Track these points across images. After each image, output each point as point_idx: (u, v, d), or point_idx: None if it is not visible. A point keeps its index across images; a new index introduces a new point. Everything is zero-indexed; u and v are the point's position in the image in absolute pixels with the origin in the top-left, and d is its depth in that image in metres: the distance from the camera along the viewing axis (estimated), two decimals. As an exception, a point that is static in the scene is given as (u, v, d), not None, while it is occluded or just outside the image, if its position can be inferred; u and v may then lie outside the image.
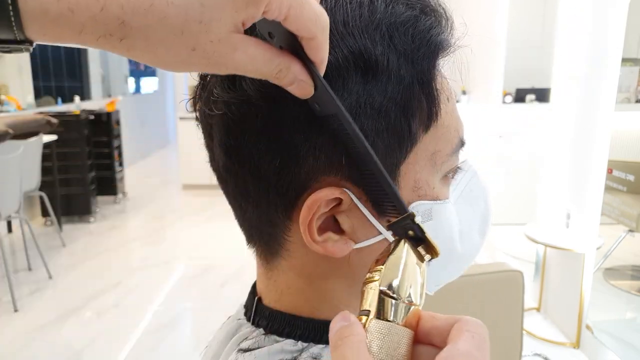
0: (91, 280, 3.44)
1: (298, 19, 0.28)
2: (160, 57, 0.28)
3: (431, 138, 0.39)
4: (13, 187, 3.15)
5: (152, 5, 0.25)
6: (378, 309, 0.30)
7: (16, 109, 4.74)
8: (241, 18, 0.27)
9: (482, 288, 1.32)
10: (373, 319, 0.30)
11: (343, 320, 0.30)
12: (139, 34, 0.26)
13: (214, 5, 0.26)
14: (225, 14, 0.27)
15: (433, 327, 0.30)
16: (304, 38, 0.30)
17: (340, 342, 0.28)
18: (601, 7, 2.30)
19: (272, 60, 0.30)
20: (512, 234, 3.30)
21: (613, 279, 2.91)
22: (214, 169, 0.42)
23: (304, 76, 0.31)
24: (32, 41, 0.26)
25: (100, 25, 0.25)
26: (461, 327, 0.28)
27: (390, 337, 0.29)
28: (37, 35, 0.26)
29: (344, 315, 0.30)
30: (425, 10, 0.38)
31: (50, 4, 0.24)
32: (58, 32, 0.25)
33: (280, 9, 0.27)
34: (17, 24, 0.24)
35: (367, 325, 0.30)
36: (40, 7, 0.24)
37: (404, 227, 0.33)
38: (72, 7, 0.25)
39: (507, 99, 4.06)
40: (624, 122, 2.57)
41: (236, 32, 0.28)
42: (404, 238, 0.32)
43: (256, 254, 0.45)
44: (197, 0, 0.26)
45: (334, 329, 0.29)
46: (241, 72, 0.30)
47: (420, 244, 0.32)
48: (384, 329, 0.29)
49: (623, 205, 2.58)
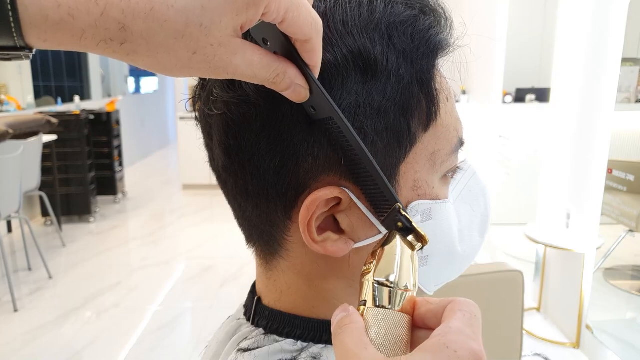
0: (91, 280, 3.44)
1: (295, 22, 0.28)
2: (161, 62, 0.28)
3: (430, 138, 0.39)
4: (13, 187, 3.15)
5: (153, 9, 0.25)
6: (374, 298, 0.32)
7: (16, 109, 4.75)
8: (241, 21, 0.27)
9: (482, 288, 1.32)
10: (370, 307, 0.32)
11: (343, 311, 0.31)
12: (140, 38, 0.26)
13: (214, 9, 0.26)
14: (225, 17, 0.27)
15: (428, 311, 0.31)
16: (299, 41, 0.30)
17: (340, 331, 0.30)
18: (601, 7, 2.30)
19: (269, 65, 0.30)
20: (512, 234, 3.30)
21: (613, 279, 2.90)
22: (213, 168, 0.42)
23: (300, 80, 0.31)
24: (32, 48, 0.26)
25: (101, 30, 0.25)
26: (454, 307, 0.30)
27: (387, 323, 0.31)
28: (38, 42, 0.25)
29: (344, 307, 0.31)
30: (425, 10, 0.38)
31: (50, 10, 0.24)
32: (59, 38, 0.25)
33: (278, 11, 0.27)
34: (17, 30, 0.24)
35: (364, 313, 0.31)
36: (41, 13, 0.24)
37: (394, 219, 0.34)
38: (73, 13, 0.25)
39: (507, 99, 4.05)
40: (624, 122, 2.56)
41: (236, 36, 0.28)
42: (394, 229, 0.34)
43: (256, 253, 0.45)
44: (198, 3, 0.26)
45: (335, 320, 0.31)
46: (239, 76, 0.30)
47: (410, 233, 0.34)
48: (380, 316, 0.31)
49: (623, 205, 2.58)
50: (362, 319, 0.31)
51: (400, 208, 0.34)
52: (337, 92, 0.34)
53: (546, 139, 2.87)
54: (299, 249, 0.40)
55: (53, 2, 0.24)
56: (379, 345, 0.30)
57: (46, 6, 0.24)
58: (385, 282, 0.32)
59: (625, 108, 2.62)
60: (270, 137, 0.36)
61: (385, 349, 0.30)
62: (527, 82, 4.28)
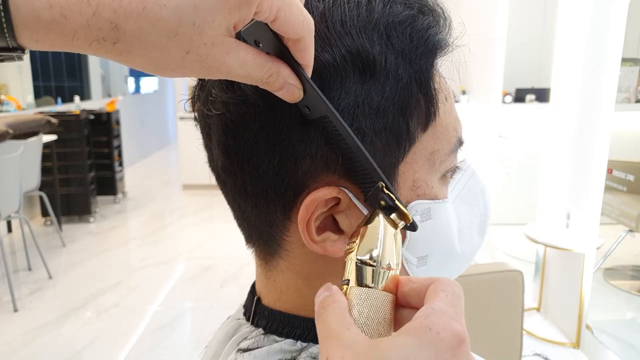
0: (91, 280, 3.44)
1: (287, 20, 0.28)
2: (154, 61, 0.28)
3: (429, 137, 0.39)
4: (13, 187, 3.15)
5: (145, 9, 0.25)
6: (357, 277, 0.32)
7: (16, 109, 4.75)
8: (233, 20, 0.27)
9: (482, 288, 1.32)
10: (353, 286, 0.31)
11: (326, 290, 0.31)
12: (132, 37, 0.26)
13: (207, 7, 0.26)
14: (218, 16, 0.27)
15: (411, 290, 0.31)
16: (291, 40, 0.30)
17: (322, 311, 0.30)
18: (601, 7, 2.30)
19: (263, 65, 0.30)
20: (512, 234, 3.30)
21: (613, 279, 2.90)
22: (212, 169, 0.42)
23: (293, 80, 0.32)
24: (25, 48, 0.26)
25: (93, 30, 0.25)
26: (436, 287, 0.29)
27: (370, 302, 0.31)
28: (30, 42, 0.25)
29: (327, 286, 0.31)
30: (423, 10, 0.38)
31: (42, 10, 0.24)
32: (51, 38, 0.25)
33: (270, 10, 0.27)
34: (9, 31, 0.24)
35: (347, 293, 0.31)
36: (33, 13, 0.24)
37: (377, 197, 0.34)
38: (65, 13, 0.25)
39: (507, 99, 4.05)
40: (624, 122, 2.56)
41: (229, 35, 0.28)
42: (377, 208, 0.34)
43: (255, 254, 0.45)
44: (190, 2, 0.26)
45: (318, 299, 0.31)
46: (232, 76, 0.30)
47: (393, 212, 0.34)
48: (362, 295, 0.31)
49: (623, 205, 2.58)
50: (345, 299, 0.30)
51: (384, 186, 0.33)
52: (336, 92, 0.35)
53: (546, 139, 2.87)
54: (298, 249, 0.40)
55: (45, 2, 0.24)
56: (362, 325, 0.30)
57: (38, 7, 0.24)
58: (368, 261, 0.32)
59: (625, 108, 2.62)
60: (269, 137, 0.36)
61: (369, 328, 0.30)
62: (527, 82, 4.28)
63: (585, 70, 2.43)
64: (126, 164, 5.88)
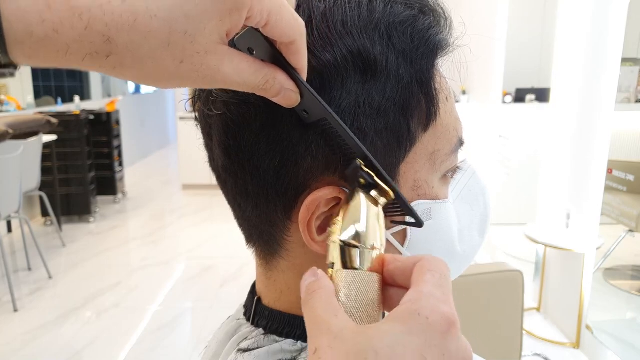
0: (91, 280, 3.44)
1: (278, 24, 0.28)
2: (149, 73, 0.27)
3: (430, 137, 0.39)
4: (13, 187, 3.15)
5: (136, 21, 0.25)
6: (342, 260, 0.31)
7: (16, 109, 4.75)
8: (226, 27, 0.27)
9: (482, 288, 1.32)
10: (339, 270, 0.31)
11: (312, 275, 0.30)
12: (125, 50, 0.26)
13: (198, 15, 0.26)
14: (210, 24, 0.27)
15: (396, 268, 0.31)
16: (284, 44, 0.30)
17: (309, 297, 0.29)
18: (601, 7, 2.30)
19: (258, 72, 0.30)
20: (512, 234, 3.30)
21: (613, 279, 2.90)
22: (213, 169, 0.42)
23: (289, 84, 0.31)
24: (17, 65, 0.26)
25: (85, 44, 0.25)
26: (422, 266, 0.29)
27: (357, 284, 0.30)
28: (22, 58, 0.25)
29: (312, 271, 0.31)
30: (424, 10, 0.38)
31: (35, 26, 0.24)
32: (43, 54, 0.25)
33: (261, 14, 0.27)
34: (1, 47, 0.24)
35: (334, 276, 0.31)
36: (25, 29, 0.24)
37: (356, 176, 0.33)
38: (57, 28, 0.24)
39: (507, 99, 4.05)
40: (624, 122, 2.56)
41: (222, 43, 0.28)
42: (357, 187, 0.33)
43: (255, 253, 0.45)
44: (181, 12, 0.26)
45: (304, 285, 0.30)
46: (229, 85, 0.30)
47: (372, 189, 0.33)
48: (349, 277, 0.30)
49: (623, 205, 2.58)
50: (331, 283, 0.30)
51: (362, 164, 0.33)
52: (337, 92, 0.35)
53: (546, 139, 2.87)
54: (298, 249, 0.40)
55: (37, 18, 0.24)
56: (351, 308, 0.29)
57: (31, 22, 0.24)
58: (352, 242, 0.31)
59: (625, 108, 2.62)
60: (269, 137, 0.36)
61: (357, 310, 0.29)
62: (527, 82, 4.28)
63: (585, 70, 2.43)
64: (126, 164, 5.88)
